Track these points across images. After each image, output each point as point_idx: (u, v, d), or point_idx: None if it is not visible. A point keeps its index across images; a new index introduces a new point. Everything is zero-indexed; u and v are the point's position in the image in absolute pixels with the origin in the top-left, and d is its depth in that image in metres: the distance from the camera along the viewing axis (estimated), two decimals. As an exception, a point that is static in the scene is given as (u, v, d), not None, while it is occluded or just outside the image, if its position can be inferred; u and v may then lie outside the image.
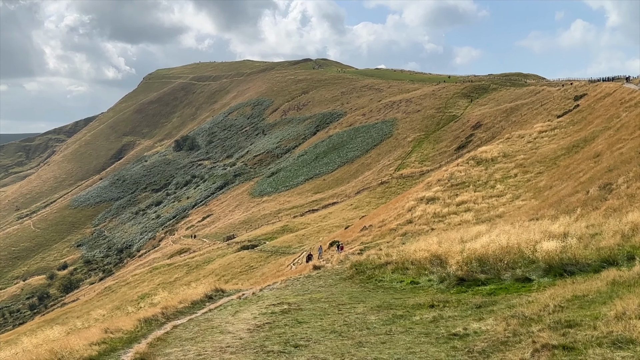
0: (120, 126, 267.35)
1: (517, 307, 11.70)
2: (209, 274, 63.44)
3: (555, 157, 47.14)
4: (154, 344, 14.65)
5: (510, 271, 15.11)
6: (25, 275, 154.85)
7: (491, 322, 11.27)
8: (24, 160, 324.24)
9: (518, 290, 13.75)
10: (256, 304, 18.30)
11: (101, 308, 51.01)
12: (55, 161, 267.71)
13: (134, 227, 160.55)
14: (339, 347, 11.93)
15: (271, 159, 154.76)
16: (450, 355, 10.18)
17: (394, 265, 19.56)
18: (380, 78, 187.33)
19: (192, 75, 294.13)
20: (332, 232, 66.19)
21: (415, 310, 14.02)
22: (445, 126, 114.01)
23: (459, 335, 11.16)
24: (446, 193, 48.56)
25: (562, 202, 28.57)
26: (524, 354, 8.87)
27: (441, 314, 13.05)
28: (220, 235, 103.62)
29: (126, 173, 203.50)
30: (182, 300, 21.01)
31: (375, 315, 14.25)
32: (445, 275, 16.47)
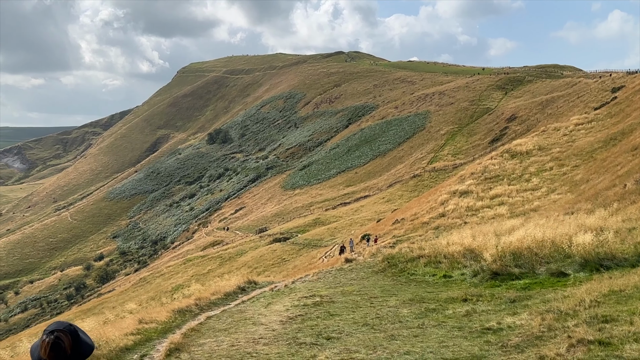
0: (155, 119, 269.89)
1: (552, 302, 11.53)
2: (242, 266, 63.79)
3: (592, 150, 46.43)
4: (188, 334, 14.78)
5: (545, 265, 14.90)
6: (63, 266, 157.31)
7: (526, 316, 11.14)
8: (62, 153, 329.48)
9: (553, 284, 13.56)
10: (288, 296, 18.34)
11: (136, 299, 51.58)
12: (91, 154, 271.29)
13: (168, 219, 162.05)
14: (371, 339, 11.90)
15: (303, 152, 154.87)
16: (483, 349, 10.09)
17: (426, 258, 19.44)
18: (413, 70, 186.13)
19: (225, 68, 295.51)
20: (364, 225, 66.08)
21: (448, 304, 13.92)
22: (479, 119, 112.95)
23: (492, 329, 11.05)
24: (480, 186, 48.15)
25: (599, 195, 28.13)
26: (559, 349, 8.75)
27: (474, 308, 12.94)
28: (253, 227, 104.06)
29: (160, 166, 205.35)
30: (215, 292, 21.15)
31: (408, 309, 14.17)
32: (479, 269, 16.31)
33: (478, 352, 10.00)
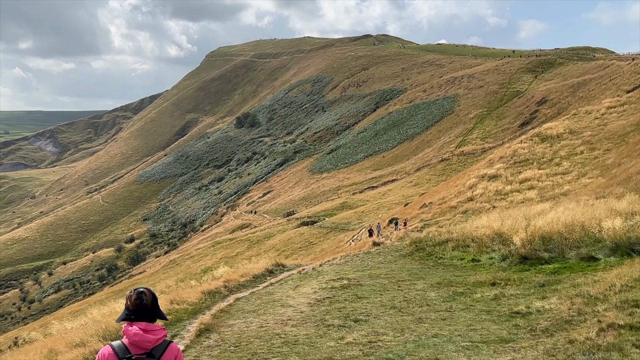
0: (184, 103, 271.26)
1: (582, 286, 11.45)
2: (270, 249, 64.10)
3: (624, 133, 45.73)
4: (218, 315, 14.92)
5: (575, 250, 14.77)
6: (95, 248, 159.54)
7: (555, 300, 11.07)
8: (93, 137, 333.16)
9: (583, 269, 13.45)
10: (316, 279, 18.42)
11: (166, 280, 52.15)
12: (122, 138, 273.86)
13: (197, 203, 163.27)
14: (399, 322, 11.91)
15: (330, 135, 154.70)
16: (512, 333, 10.05)
17: (454, 242, 19.39)
18: (442, 53, 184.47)
19: (252, 52, 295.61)
20: (391, 209, 65.97)
21: (476, 287, 13.88)
22: (508, 102, 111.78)
23: (521, 313, 11.00)
24: (509, 170, 47.73)
25: (631, 180, 27.73)
26: (589, 333, 8.69)
27: (503, 292, 12.89)
28: (281, 211, 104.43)
29: (189, 149, 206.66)
30: (244, 274, 21.31)
31: (435, 292, 14.17)
32: (507, 253, 16.23)
33: (506, 335, 9.97)
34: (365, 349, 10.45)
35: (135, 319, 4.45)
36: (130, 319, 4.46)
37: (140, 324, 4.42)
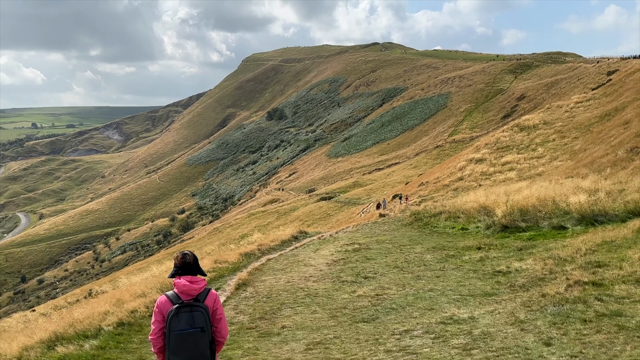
0: (224, 100, 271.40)
1: (553, 250, 11.42)
2: (295, 219, 64.32)
3: (590, 124, 45.18)
4: (253, 272, 15.04)
5: (548, 220, 14.70)
6: (153, 218, 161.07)
7: (530, 262, 11.06)
8: (151, 128, 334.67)
9: (554, 236, 13.39)
10: (333, 244, 18.48)
11: (210, 244, 52.59)
12: (174, 128, 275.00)
13: (235, 181, 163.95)
14: (401, 279, 11.96)
15: (344, 126, 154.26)
16: (494, 288, 10.06)
17: (447, 214, 19.35)
18: (437, 58, 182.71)
19: (280, 58, 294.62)
20: (395, 187, 65.87)
21: (464, 251, 13.88)
22: (493, 98, 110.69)
23: (502, 272, 11.01)
24: (492, 155, 47.40)
25: (594, 163, 27.47)
26: (558, 288, 8.68)
27: (487, 255, 12.88)
28: (303, 188, 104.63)
29: (229, 138, 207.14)
30: (273, 239, 21.40)
31: (431, 255, 14.18)
32: (491, 223, 16.18)
33: (490, 290, 9.98)
34: (373, 301, 10.51)
35: (182, 273, 4.72)
36: (178, 274, 4.73)
37: (186, 277, 4.68)
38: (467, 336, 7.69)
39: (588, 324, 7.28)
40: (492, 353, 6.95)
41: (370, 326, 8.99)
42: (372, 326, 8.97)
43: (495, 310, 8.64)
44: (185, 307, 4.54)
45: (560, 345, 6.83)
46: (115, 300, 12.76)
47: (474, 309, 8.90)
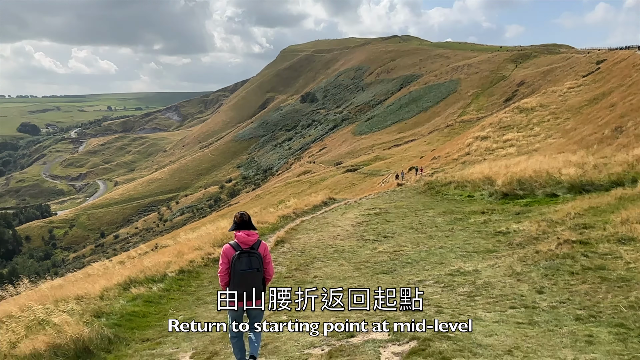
0: (264, 86, 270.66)
1: (547, 214, 11.31)
2: (324, 188, 64.47)
3: (580, 107, 43.98)
4: (289, 231, 15.22)
5: (542, 189, 14.51)
6: (205, 185, 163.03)
7: (527, 224, 10.97)
8: (203, 110, 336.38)
9: (547, 203, 13.24)
10: (357, 208, 18.53)
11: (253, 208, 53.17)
12: (222, 110, 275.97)
13: (274, 155, 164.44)
14: (415, 238, 11.99)
15: (368, 108, 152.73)
16: (495, 246, 10.04)
17: (455, 183, 19.21)
18: (449, 48, 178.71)
19: (312, 49, 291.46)
20: (411, 161, 65.34)
21: (470, 215, 13.82)
22: (496, 84, 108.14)
23: (502, 232, 10.96)
24: (496, 133, 46.58)
25: (584, 140, 26.85)
26: (550, 246, 8.63)
27: (490, 218, 12.81)
28: (332, 161, 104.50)
29: (269, 118, 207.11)
30: (306, 204, 21.54)
31: (442, 218, 14.15)
32: (493, 191, 16.04)
33: (492, 247, 9.97)
34: (392, 256, 10.59)
35: (240, 228, 5.31)
36: (237, 229, 5.32)
37: (244, 231, 5.29)
38: (472, 285, 7.74)
39: (575, 276, 7.26)
40: (492, 299, 7.00)
41: (389, 277, 9.09)
42: (390, 277, 9.07)
43: (495, 264, 8.65)
44: (244, 253, 5.16)
45: (551, 293, 6.85)
46: (177, 252, 13.10)
47: (478, 263, 8.92)
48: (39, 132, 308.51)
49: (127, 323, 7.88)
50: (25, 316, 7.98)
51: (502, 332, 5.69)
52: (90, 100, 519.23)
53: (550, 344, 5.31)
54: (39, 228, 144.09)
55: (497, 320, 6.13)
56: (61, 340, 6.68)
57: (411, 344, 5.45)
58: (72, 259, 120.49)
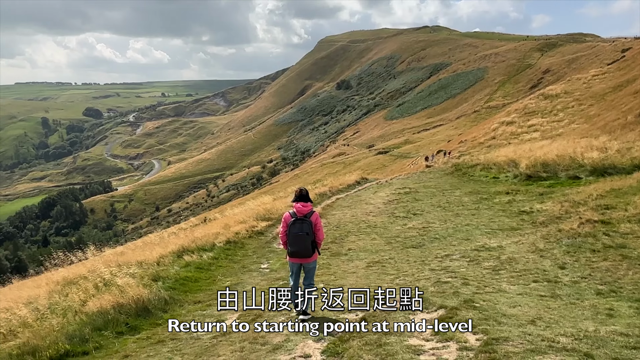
0: (303, 74, 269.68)
1: (569, 195, 10.98)
2: (357, 168, 64.24)
3: (604, 93, 42.07)
4: (325, 208, 15.27)
5: (565, 172, 14.07)
6: (249, 165, 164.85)
7: (550, 204, 10.69)
8: (247, 96, 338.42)
9: (570, 185, 12.84)
10: (388, 188, 18.42)
11: (292, 187, 53.58)
12: (265, 97, 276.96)
13: (311, 138, 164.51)
14: (443, 216, 11.86)
15: (399, 95, 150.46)
16: (519, 224, 9.84)
17: (481, 165, 18.82)
18: (477, 38, 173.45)
19: (348, 39, 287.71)
20: (439, 144, 64.26)
21: (495, 195, 13.55)
22: (522, 72, 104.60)
23: (526, 212, 10.72)
24: (521, 119, 45.20)
25: (607, 126, 25.73)
26: (572, 225, 8.41)
27: (514, 198, 12.54)
28: (364, 144, 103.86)
29: (307, 104, 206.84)
30: (341, 183, 21.53)
31: (468, 197, 13.93)
32: (518, 173, 15.65)
33: (515, 225, 9.78)
34: (421, 232, 10.52)
35: (298, 200, 5.94)
36: (296, 200, 5.95)
37: (301, 203, 5.92)
38: (496, 260, 7.63)
39: (597, 253, 7.06)
40: (516, 273, 6.88)
41: (417, 251, 9.04)
42: (419, 251, 9.02)
43: (519, 241, 8.49)
44: (298, 220, 5.80)
45: (573, 269, 6.68)
46: (224, 225, 13.36)
47: (502, 240, 8.77)
48: (101, 116, 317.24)
49: (180, 287, 8.12)
50: (94, 277, 8.33)
51: (525, 303, 5.60)
52: (146, 87, 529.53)
53: (572, 315, 5.20)
54: (102, 202, 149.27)
55: (520, 293, 6.03)
56: (124, 300, 6.95)
57: (439, 312, 5.43)
58: (130, 229, 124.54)
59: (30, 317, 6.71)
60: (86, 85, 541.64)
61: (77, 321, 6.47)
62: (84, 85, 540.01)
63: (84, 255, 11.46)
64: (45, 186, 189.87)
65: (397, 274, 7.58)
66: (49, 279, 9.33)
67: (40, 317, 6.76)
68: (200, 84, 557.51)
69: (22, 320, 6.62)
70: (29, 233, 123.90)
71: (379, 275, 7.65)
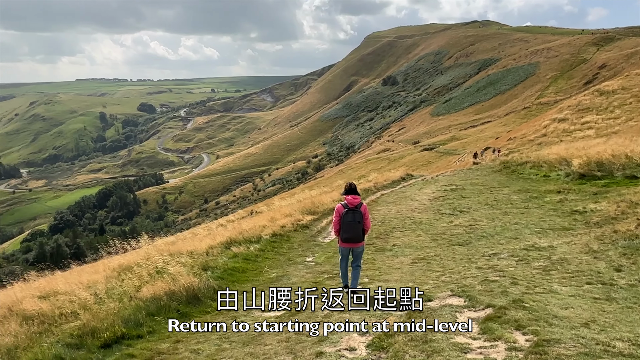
0: (349, 70, 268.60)
1: (626, 195, 10.42)
2: (402, 165, 63.39)
3: (666, 89, 39.69)
4: (369, 203, 15.19)
5: (621, 171, 13.36)
6: (294, 160, 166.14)
7: (605, 204, 10.20)
8: (294, 92, 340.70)
9: (627, 184, 12.19)
10: (434, 184, 18.12)
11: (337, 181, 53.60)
12: (311, 92, 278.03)
13: (356, 134, 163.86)
14: (490, 214, 11.56)
15: (446, 90, 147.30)
16: (571, 224, 9.45)
17: (531, 163, 18.17)
18: (528, 32, 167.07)
19: (394, 35, 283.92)
20: (486, 141, 62.51)
21: (546, 194, 13.06)
22: (576, 67, 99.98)
23: (579, 211, 10.26)
24: (574, 115, 43.29)
25: (669, 123, 24.26)
26: (629, 226, 7.98)
27: (566, 197, 12.03)
28: (410, 140, 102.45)
29: (352, 100, 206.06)
30: (386, 179, 21.37)
31: (517, 196, 13.51)
32: (570, 172, 14.99)
33: (567, 225, 9.39)
34: (467, 229, 10.29)
35: (348, 193, 6.52)
36: (346, 194, 6.53)
37: (351, 195, 6.50)
38: (547, 260, 7.36)
39: (656, 257, 6.67)
40: (568, 274, 6.62)
41: (464, 248, 8.86)
42: (465, 249, 8.84)
43: (571, 242, 8.15)
44: (350, 210, 6.38)
45: (630, 272, 6.35)
46: (270, 218, 13.54)
47: (553, 240, 8.45)
48: (154, 111, 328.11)
49: (228, 277, 8.30)
50: (147, 265, 8.65)
51: (578, 305, 5.38)
52: (196, 83, 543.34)
53: (628, 320, 4.95)
54: (154, 193, 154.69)
55: (573, 295, 5.80)
56: (175, 288, 7.18)
57: (487, 311, 5.30)
58: (180, 220, 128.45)
59: (90, 301, 7.05)
60: (141, 81, 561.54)
61: (132, 306, 6.74)
62: (138, 81, 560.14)
63: (138, 244, 11.90)
64: (102, 177, 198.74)
65: (443, 271, 7.45)
66: (106, 266, 9.77)
67: (99, 301, 7.08)
68: (247, 80, 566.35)
69: (82, 303, 6.97)
70: (87, 222, 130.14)
71: (424, 272, 7.54)
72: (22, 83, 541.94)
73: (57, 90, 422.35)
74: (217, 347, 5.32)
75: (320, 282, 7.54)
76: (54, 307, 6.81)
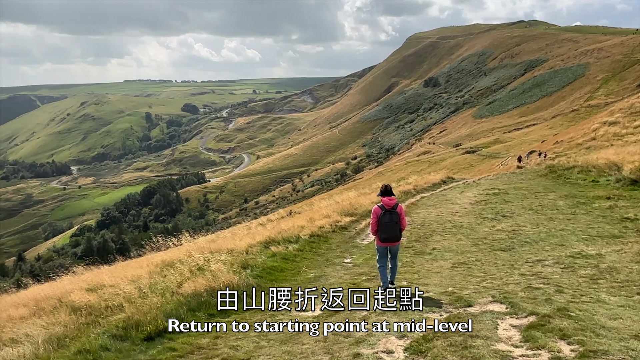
0: (390, 71, 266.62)
1: (683, 203, 9.89)
2: (443, 167, 62.38)
3: None
4: (409, 206, 15.05)
5: (679, 177, 12.70)
6: (333, 161, 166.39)
7: (659, 212, 9.71)
8: (334, 93, 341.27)
9: (684, 191, 11.57)
10: (475, 188, 17.75)
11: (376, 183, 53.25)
12: (351, 94, 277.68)
13: (396, 136, 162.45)
14: (535, 219, 11.22)
15: (489, 92, 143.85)
16: (621, 231, 9.05)
17: (579, 168, 17.51)
18: (578, 32, 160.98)
19: (437, 36, 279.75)
20: (531, 144, 60.65)
21: (594, 200, 12.55)
22: (629, 68, 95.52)
23: (630, 219, 9.82)
24: (626, 119, 41.37)
25: None
26: (686, 236, 7.57)
27: (616, 204, 11.54)
28: (451, 143, 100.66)
29: (393, 101, 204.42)
30: (426, 182, 21.11)
31: (563, 201, 13.05)
32: (621, 177, 14.36)
33: (617, 233, 9.01)
34: (510, 234, 10.03)
35: (385, 195, 6.77)
36: (382, 195, 6.77)
37: (387, 197, 6.75)
38: (594, 268, 7.08)
39: None
40: (617, 283, 6.35)
41: (506, 254, 8.64)
42: (508, 254, 8.62)
43: (621, 250, 7.81)
44: (388, 211, 6.66)
45: (685, 285, 6.03)
46: (309, 218, 13.61)
47: (601, 248, 8.12)
48: (197, 112, 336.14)
49: (267, 275, 8.41)
50: (189, 262, 8.87)
51: (628, 316, 5.15)
52: (238, 84, 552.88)
53: (683, 334, 4.69)
54: (196, 192, 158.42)
55: (622, 305, 5.55)
56: (216, 285, 7.34)
57: (530, 319, 5.15)
58: (221, 219, 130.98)
59: (134, 294, 7.30)
60: (185, 82, 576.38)
61: (174, 301, 6.94)
62: (183, 82, 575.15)
63: (179, 241, 12.21)
64: (146, 176, 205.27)
65: (484, 277, 7.29)
66: (149, 261, 10.08)
67: (142, 295, 7.32)
68: (288, 81, 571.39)
69: (127, 296, 7.22)
70: (132, 218, 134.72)
71: (465, 276, 7.40)
72: (74, 84, 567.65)
73: (106, 90, 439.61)
74: (255, 345, 5.40)
75: (358, 283, 7.53)
76: (100, 300, 7.09)
